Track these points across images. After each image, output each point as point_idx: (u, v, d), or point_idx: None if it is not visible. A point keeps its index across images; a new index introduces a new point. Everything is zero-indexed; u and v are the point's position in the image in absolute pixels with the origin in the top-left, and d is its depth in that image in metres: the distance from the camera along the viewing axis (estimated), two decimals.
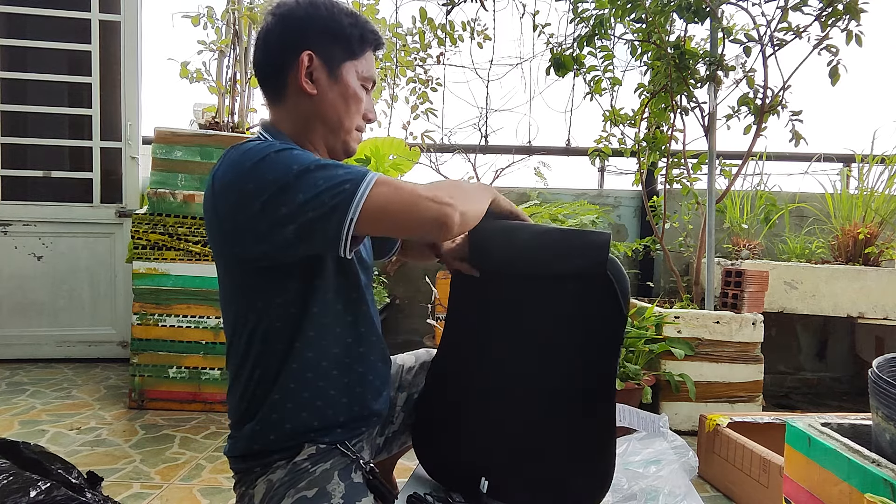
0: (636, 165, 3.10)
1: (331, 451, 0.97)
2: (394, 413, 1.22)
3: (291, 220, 0.83)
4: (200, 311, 2.58)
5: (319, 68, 0.97)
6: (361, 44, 1.00)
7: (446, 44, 3.58)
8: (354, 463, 0.96)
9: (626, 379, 2.29)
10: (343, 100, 0.99)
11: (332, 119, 1.00)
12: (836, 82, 2.38)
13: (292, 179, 0.82)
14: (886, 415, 1.07)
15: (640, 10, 2.54)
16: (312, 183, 0.82)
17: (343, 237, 0.82)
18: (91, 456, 2.06)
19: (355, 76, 1.00)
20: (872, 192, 3.08)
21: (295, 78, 0.97)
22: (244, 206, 0.85)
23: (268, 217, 0.83)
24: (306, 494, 0.90)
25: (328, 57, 0.97)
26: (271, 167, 0.84)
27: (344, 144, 1.03)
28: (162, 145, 2.66)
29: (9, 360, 3.22)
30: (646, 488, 1.14)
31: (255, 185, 0.84)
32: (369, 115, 1.05)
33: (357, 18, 1.00)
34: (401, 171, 3.46)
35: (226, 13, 2.89)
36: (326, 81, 0.98)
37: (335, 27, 0.98)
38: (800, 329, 3.53)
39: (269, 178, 0.83)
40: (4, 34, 3.24)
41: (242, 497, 0.98)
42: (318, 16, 0.97)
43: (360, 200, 0.82)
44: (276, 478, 0.94)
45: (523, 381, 1.06)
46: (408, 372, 1.27)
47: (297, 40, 0.97)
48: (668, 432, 1.30)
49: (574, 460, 1.04)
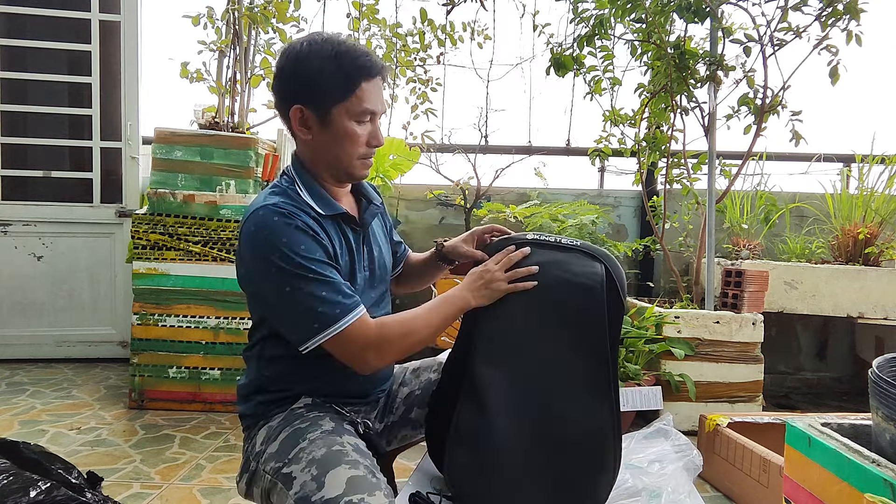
0: (636, 165, 3.10)
1: (325, 405, 1.11)
2: (394, 404, 1.27)
3: (273, 308, 1.04)
4: (200, 311, 2.58)
5: (311, 118, 1.06)
6: (348, 84, 1.04)
7: (446, 44, 3.58)
8: (346, 418, 1.10)
9: (627, 379, 2.30)
10: (336, 141, 1.07)
11: (328, 158, 1.10)
12: (836, 82, 2.38)
13: (286, 287, 0.99)
14: (886, 415, 1.07)
15: (640, 10, 2.54)
16: (295, 301, 0.98)
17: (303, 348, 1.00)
18: (91, 456, 2.06)
19: (347, 117, 1.05)
20: (872, 192, 3.08)
21: (292, 126, 1.09)
22: (253, 268, 1.03)
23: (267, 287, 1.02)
24: (300, 426, 1.04)
25: (317, 106, 1.05)
26: (276, 255, 0.98)
27: (347, 175, 1.12)
28: (162, 145, 2.66)
29: (9, 360, 3.21)
30: (649, 486, 1.14)
31: (261, 262, 1.01)
32: (373, 142, 1.10)
33: (341, 60, 1.03)
34: (400, 171, 3.47)
35: (226, 13, 2.89)
36: (318, 128, 1.07)
37: (320, 78, 1.03)
38: (800, 329, 3.53)
39: (271, 262, 0.99)
40: (4, 34, 3.24)
41: (248, 442, 1.12)
42: (303, 71, 1.04)
43: (316, 343, 0.99)
44: (275, 423, 1.09)
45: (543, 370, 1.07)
46: (412, 372, 1.33)
47: (288, 96, 1.07)
48: (673, 431, 1.30)
49: (582, 446, 1.05)
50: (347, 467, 0.92)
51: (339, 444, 0.98)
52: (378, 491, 0.89)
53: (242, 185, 2.68)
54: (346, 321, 0.98)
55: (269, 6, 2.98)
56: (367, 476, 0.92)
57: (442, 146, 3.67)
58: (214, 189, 2.65)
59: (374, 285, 1.18)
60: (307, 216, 1.03)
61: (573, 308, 1.06)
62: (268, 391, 1.12)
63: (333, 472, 0.91)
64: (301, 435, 1.02)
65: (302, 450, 0.98)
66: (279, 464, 1.00)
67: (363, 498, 0.86)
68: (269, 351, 1.11)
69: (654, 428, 1.32)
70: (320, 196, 1.09)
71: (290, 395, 1.11)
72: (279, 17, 3.02)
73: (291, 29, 3.13)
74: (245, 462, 1.11)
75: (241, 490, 1.11)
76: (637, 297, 3.24)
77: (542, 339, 1.06)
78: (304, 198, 1.07)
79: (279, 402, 1.11)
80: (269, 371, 1.12)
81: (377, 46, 3.53)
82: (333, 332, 0.98)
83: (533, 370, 1.05)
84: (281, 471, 0.98)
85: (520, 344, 1.06)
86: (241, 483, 1.10)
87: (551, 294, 1.07)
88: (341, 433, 1.03)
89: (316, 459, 0.95)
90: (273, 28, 3.06)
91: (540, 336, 1.06)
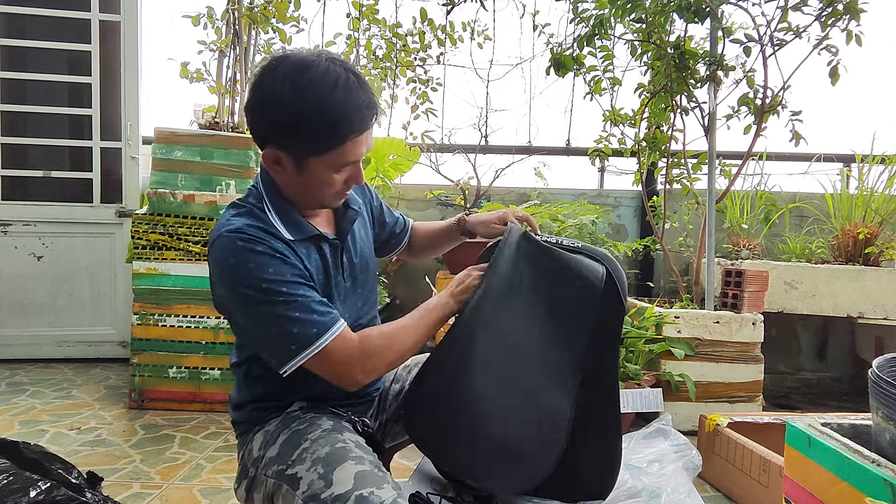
0: (636, 165, 3.10)
1: (321, 406, 1.10)
2: (387, 402, 1.27)
3: (248, 333, 1.02)
4: (200, 311, 2.58)
5: (285, 158, 0.97)
6: (331, 141, 0.94)
7: (446, 44, 3.58)
8: (343, 417, 1.09)
9: (627, 379, 2.29)
10: (311, 185, 1.00)
11: (300, 196, 1.04)
12: (836, 82, 2.38)
13: (255, 309, 0.96)
14: (886, 415, 1.08)
15: (640, 10, 2.54)
16: (269, 326, 0.95)
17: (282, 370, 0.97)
18: (91, 456, 2.06)
19: (323, 167, 0.97)
20: (872, 192, 3.08)
21: (264, 161, 1.00)
22: (224, 295, 1.00)
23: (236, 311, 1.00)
24: (298, 427, 1.03)
25: (293, 150, 0.96)
26: (243, 278, 0.95)
27: (320, 207, 1.08)
28: (162, 145, 2.66)
29: (9, 360, 3.21)
30: (649, 486, 1.14)
31: (229, 290, 0.98)
32: (351, 182, 1.03)
33: (329, 114, 0.91)
34: (400, 171, 3.47)
35: (226, 13, 2.89)
36: (293, 170, 0.98)
37: (297, 132, 0.93)
38: (800, 329, 3.53)
39: (238, 291, 0.96)
40: (4, 34, 3.24)
41: (243, 448, 1.11)
42: (280, 119, 0.93)
43: (296, 364, 0.96)
44: (271, 427, 1.07)
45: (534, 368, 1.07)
46: (403, 368, 1.33)
47: (260, 134, 0.98)
48: (672, 431, 1.30)
49: (584, 447, 1.06)
50: (353, 462, 0.92)
51: (341, 442, 0.98)
52: (386, 484, 0.89)
53: (242, 185, 2.68)
54: (325, 339, 0.95)
55: (269, 6, 2.98)
56: (374, 470, 0.92)
57: (442, 146, 3.67)
58: (214, 189, 2.65)
59: (356, 289, 1.15)
60: (272, 239, 0.97)
61: (564, 304, 1.07)
62: (261, 402, 1.11)
63: (340, 468, 0.91)
64: (301, 436, 1.01)
65: (305, 450, 0.98)
66: (282, 466, 0.99)
67: (373, 491, 0.86)
68: (256, 370, 1.09)
69: (654, 428, 1.32)
70: (290, 219, 1.02)
71: (283, 404, 1.10)
72: (279, 17, 3.02)
73: (291, 29, 3.13)
74: (243, 468, 1.10)
75: (241, 497, 1.09)
76: (637, 297, 3.24)
77: (527, 333, 1.07)
78: (271, 219, 1.01)
79: (273, 409, 1.10)
80: (261, 389, 1.10)
81: (377, 47, 3.53)
82: (313, 352, 0.95)
83: (515, 336, 1.06)
84: (285, 473, 0.97)
85: (510, 319, 1.07)
86: (241, 489, 1.09)
87: (544, 293, 1.08)
88: (341, 430, 1.03)
89: (321, 458, 0.94)
90: (273, 28, 3.07)
91: (526, 330, 1.07)
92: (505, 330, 1.05)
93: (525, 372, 1.04)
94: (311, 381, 1.02)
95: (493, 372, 1.03)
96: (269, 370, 1.00)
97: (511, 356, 1.05)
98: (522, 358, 1.05)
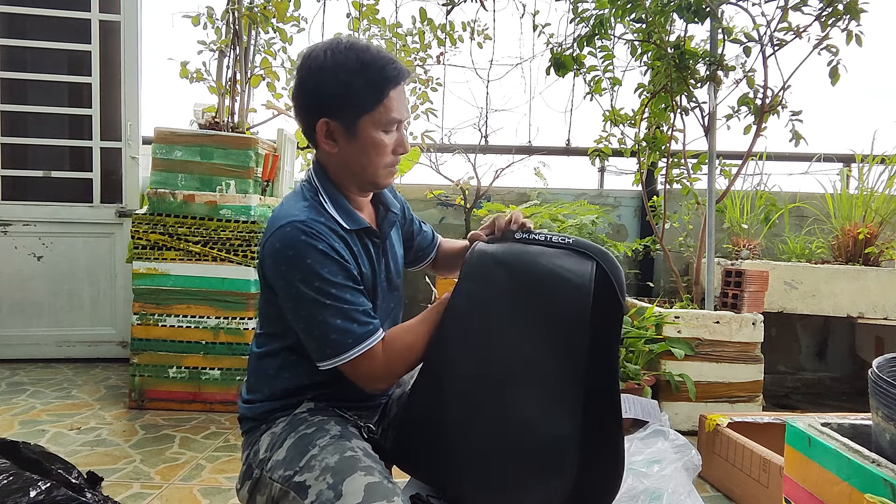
0: (636, 165, 3.10)
1: (328, 409, 1.10)
2: (388, 407, 1.27)
3: (292, 321, 1.03)
4: (200, 311, 2.58)
5: (337, 130, 1.04)
6: (375, 94, 1.02)
7: (446, 44, 3.58)
8: (350, 422, 1.09)
9: (626, 379, 2.30)
10: (363, 152, 1.06)
11: (354, 169, 1.08)
12: (836, 82, 2.38)
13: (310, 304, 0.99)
14: (886, 415, 1.08)
15: (640, 10, 2.54)
16: (312, 325, 0.99)
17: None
18: (91, 456, 2.06)
19: (373, 128, 1.04)
20: (872, 192, 3.08)
21: (317, 138, 1.07)
22: (274, 279, 1.03)
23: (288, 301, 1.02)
24: (306, 431, 1.03)
25: (343, 119, 1.03)
26: (301, 271, 0.98)
27: (373, 185, 1.12)
28: (162, 145, 2.66)
29: (9, 360, 3.21)
30: (649, 487, 1.14)
31: (282, 280, 1.01)
32: (399, 149, 1.09)
33: (368, 71, 1.01)
34: (400, 171, 3.47)
35: (226, 13, 2.89)
36: (345, 140, 1.05)
37: (345, 91, 1.01)
38: (800, 329, 3.53)
39: (291, 283, 0.99)
40: (4, 34, 3.24)
41: (248, 448, 1.10)
42: (328, 84, 1.01)
43: (330, 366, 1.00)
44: (278, 429, 1.07)
45: (528, 371, 1.03)
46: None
47: (312, 109, 1.05)
48: (671, 431, 1.30)
49: (586, 453, 1.02)
50: (363, 474, 0.91)
51: (350, 450, 0.97)
52: (396, 497, 0.88)
53: (242, 185, 2.68)
54: (356, 352, 0.99)
55: (269, 6, 2.98)
56: (384, 482, 0.91)
57: (442, 146, 3.67)
58: (214, 189, 2.65)
59: (391, 291, 1.20)
60: (333, 236, 1.02)
61: (550, 305, 1.00)
62: (278, 398, 1.11)
63: (350, 480, 0.90)
64: (310, 441, 1.00)
65: (313, 457, 0.97)
66: (289, 472, 0.98)
67: None
68: (290, 358, 1.10)
69: (652, 429, 1.32)
70: (345, 209, 1.08)
71: (296, 402, 1.11)
72: (279, 16, 3.02)
73: (291, 29, 3.13)
74: (247, 468, 1.08)
75: (243, 498, 1.08)
76: (637, 297, 3.24)
77: (509, 334, 1.01)
78: (329, 211, 1.06)
79: (284, 408, 1.10)
80: (288, 375, 1.11)
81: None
82: (344, 360, 0.99)
83: (493, 357, 1.01)
84: (293, 479, 0.96)
85: (486, 341, 1.02)
86: (243, 490, 1.08)
87: (531, 292, 1.02)
88: (349, 437, 1.02)
89: (330, 467, 0.94)
90: (273, 28, 3.06)
91: (507, 330, 1.01)
92: (480, 356, 1.00)
93: (511, 400, 0.98)
94: (334, 374, 1.04)
95: (469, 404, 0.99)
96: (304, 361, 1.05)
97: (491, 388, 0.99)
98: (505, 386, 0.99)
